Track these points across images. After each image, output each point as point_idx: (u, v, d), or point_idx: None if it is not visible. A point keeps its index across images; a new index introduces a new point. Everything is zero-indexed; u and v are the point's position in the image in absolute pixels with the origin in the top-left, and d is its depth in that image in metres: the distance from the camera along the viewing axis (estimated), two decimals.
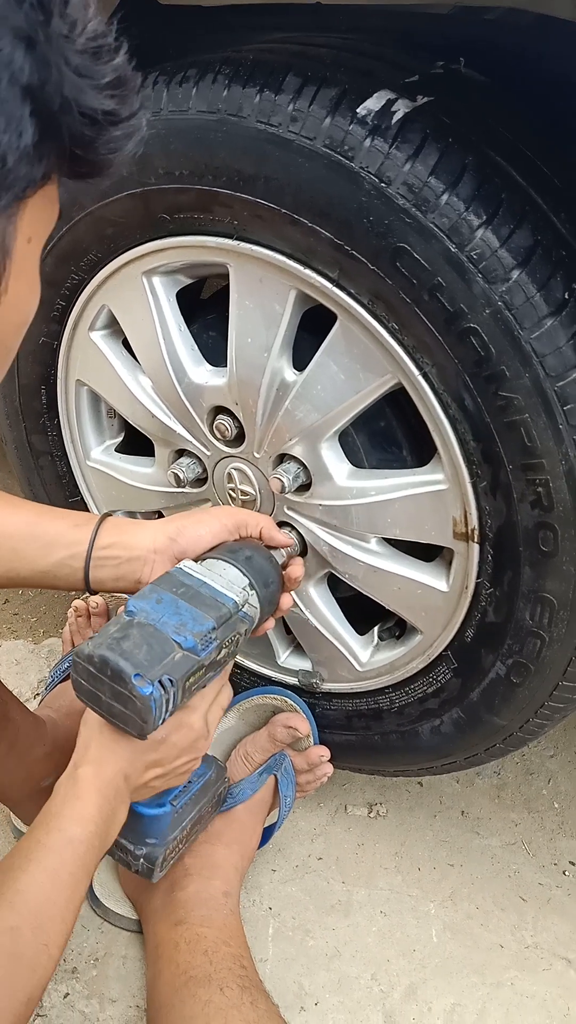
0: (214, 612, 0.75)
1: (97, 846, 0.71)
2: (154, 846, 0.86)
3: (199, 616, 0.74)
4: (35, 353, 1.07)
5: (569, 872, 1.14)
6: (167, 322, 0.94)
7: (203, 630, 0.74)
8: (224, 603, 0.77)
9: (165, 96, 0.83)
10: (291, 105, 0.76)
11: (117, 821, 0.75)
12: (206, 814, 0.93)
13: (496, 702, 0.92)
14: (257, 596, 0.82)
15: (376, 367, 0.82)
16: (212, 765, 0.93)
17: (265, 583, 0.82)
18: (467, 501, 0.83)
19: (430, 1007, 1.00)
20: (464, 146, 0.74)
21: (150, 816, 0.85)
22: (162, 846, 0.86)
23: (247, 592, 0.80)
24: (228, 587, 0.79)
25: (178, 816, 0.88)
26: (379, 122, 0.73)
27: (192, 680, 0.73)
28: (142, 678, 0.69)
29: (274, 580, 0.84)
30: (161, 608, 0.75)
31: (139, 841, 0.86)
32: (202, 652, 0.73)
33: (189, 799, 0.89)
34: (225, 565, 0.81)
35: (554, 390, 0.73)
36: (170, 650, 0.72)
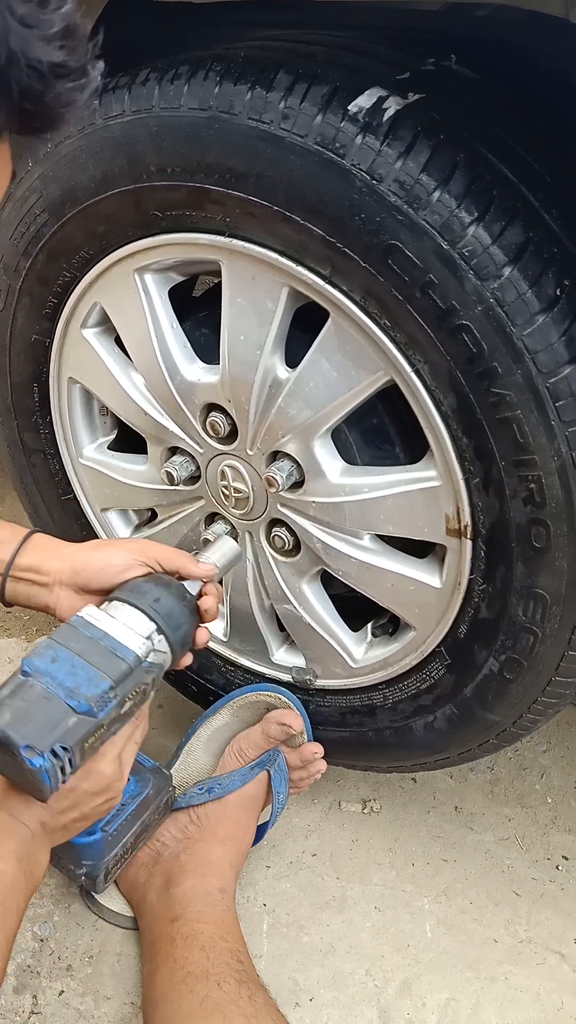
0: (112, 670, 0.74)
1: (22, 882, 0.73)
2: (93, 866, 0.90)
3: (95, 677, 0.73)
4: (27, 351, 1.07)
5: (562, 867, 1.15)
6: (159, 319, 0.94)
7: (98, 692, 0.72)
8: (124, 658, 0.75)
9: (157, 93, 0.83)
10: (282, 102, 0.76)
11: (39, 863, 0.76)
12: (153, 824, 0.96)
13: (489, 698, 0.92)
14: (166, 640, 0.80)
15: (368, 364, 0.83)
16: (148, 782, 0.94)
17: (175, 626, 0.81)
18: (460, 498, 0.83)
19: (424, 1002, 1.00)
20: (455, 143, 0.74)
21: (81, 845, 0.88)
22: (101, 864, 0.90)
23: (152, 640, 0.79)
24: (130, 639, 0.77)
25: (113, 839, 0.90)
26: (370, 119, 0.73)
27: (92, 740, 0.73)
28: (31, 750, 0.68)
29: (185, 620, 0.83)
30: (56, 668, 0.73)
31: (77, 864, 0.90)
32: (100, 713, 0.72)
33: (124, 821, 0.91)
34: (130, 610, 0.79)
35: (546, 386, 0.74)
36: (63, 717, 0.71)
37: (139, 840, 0.94)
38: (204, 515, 1.06)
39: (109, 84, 0.87)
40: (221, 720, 1.11)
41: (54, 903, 1.06)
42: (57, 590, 0.83)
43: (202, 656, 1.18)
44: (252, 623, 1.09)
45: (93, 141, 0.88)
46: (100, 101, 0.87)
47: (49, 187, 0.93)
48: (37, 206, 0.95)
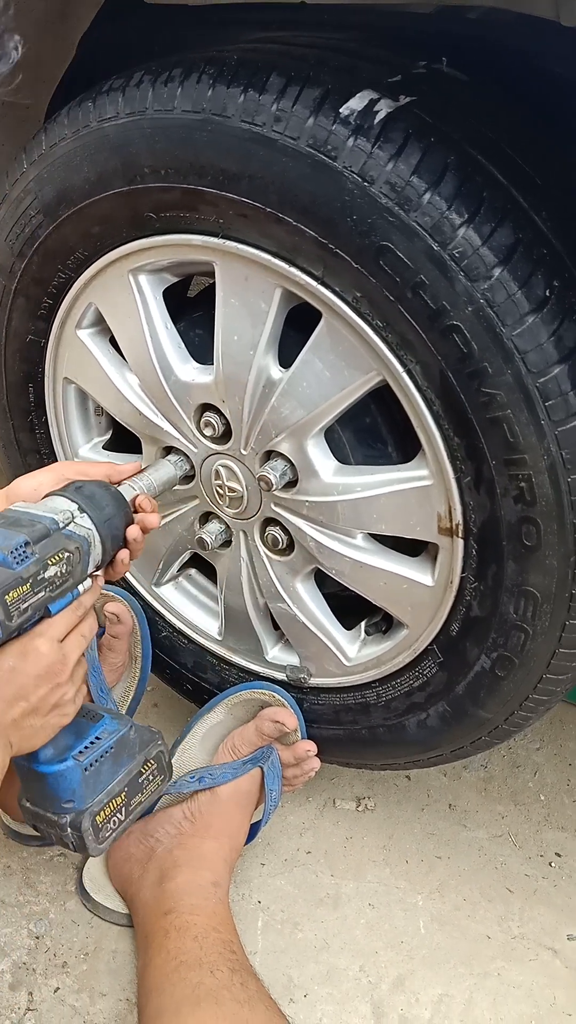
0: (28, 530, 0.77)
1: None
2: (74, 810, 0.84)
3: (10, 535, 0.76)
4: (22, 351, 1.07)
5: (555, 863, 1.16)
6: (154, 320, 0.95)
7: (13, 544, 0.75)
8: (39, 520, 0.79)
9: (151, 95, 0.84)
10: (275, 105, 0.77)
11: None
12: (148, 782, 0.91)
13: (481, 695, 0.93)
14: (89, 518, 0.83)
15: (361, 364, 0.83)
16: (128, 724, 0.91)
17: (97, 506, 0.84)
18: (451, 496, 0.84)
19: (418, 998, 1.01)
20: (446, 145, 0.74)
21: (53, 773, 0.84)
22: (85, 810, 0.84)
23: (72, 513, 0.82)
24: (49, 510, 0.81)
25: (92, 774, 0.85)
26: (362, 122, 0.74)
27: (14, 595, 0.74)
28: None
29: (108, 504, 0.85)
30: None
31: (56, 807, 0.84)
32: (16, 565, 0.74)
33: (103, 755, 0.86)
34: (53, 497, 0.84)
35: (536, 386, 0.74)
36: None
37: (131, 799, 0.89)
38: (198, 514, 1.06)
39: (103, 86, 0.88)
40: (216, 718, 1.12)
41: (49, 901, 1.07)
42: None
43: (197, 655, 1.18)
44: (246, 622, 1.10)
45: (87, 143, 0.88)
46: (95, 103, 0.88)
47: (44, 188, 0.93)
48: (32, 207, 0.95)
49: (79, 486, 0.85)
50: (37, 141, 0.93)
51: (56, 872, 1.09)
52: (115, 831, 0.87)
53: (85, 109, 0.88)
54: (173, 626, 1.19)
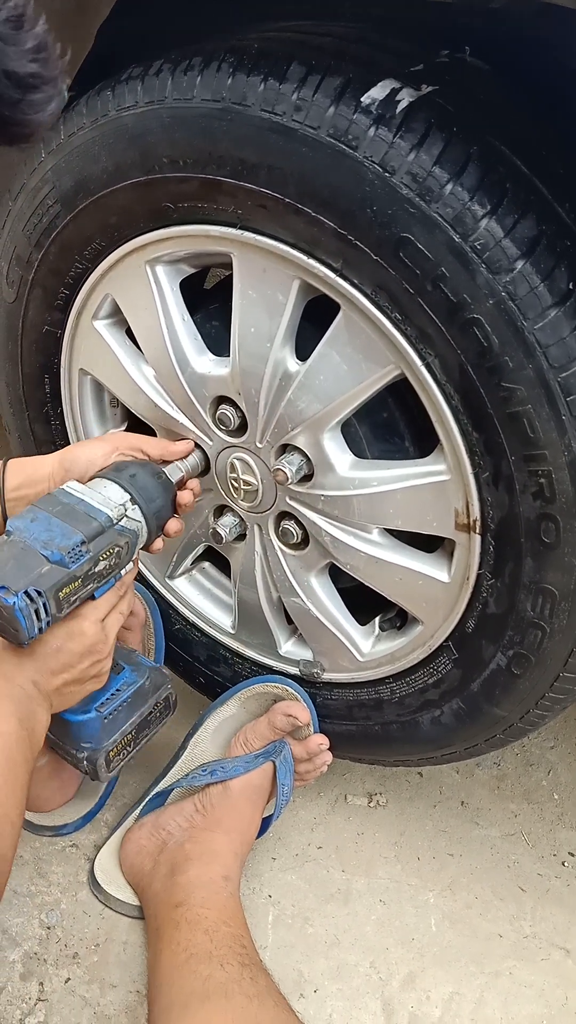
0: (85, 526, 0.81)
1: (25, 738, 0.78)
2: (92, 749, 0.94)
3: (68, 531, 0.80)
4: (39, 342, 1.07)
5: (568, 863, 1.15)
6: (170, 311, 0.94)
7: (70, 544, 0.80)
8: (95, 517, 0.82)
9: (170, 84, 0.83)
10: (295, 94, 0.76)
11: (39, 721, 0.82)
12: (153, 719, 0.99)
13: (496, 693, 0.92)
14: (140, 511, 0.87)
15: (379, 357, 0.82)
16: (145, 673, 0.98)
17: (149, 498, 0.88)
18: (469, 492, 0.83)
19: (428, 995, 1.00)
20: (468, 135, 0.73)
21: (77, 722, 0.92)
22: (101, 749, 0.94)
23: (126, 507, 0.86)
24: (104, 503, 0.84)
25: (110, 722, 0.94)
26: (383, 111, 0.73)
27: (66, 591, 0.79)
28: (7, 590, 0.75)
29: (159, 496, 0.89)
30: (34, 526, 0.81)
31: (77, 747, 0.94)
32: (71, 564, 0.79)
33: (120, 705, 0.95)
34: (106, 483, 0.87)
35: (557, 381, 0.73)
36: (38, 564, 0.78)
37: (140, 734, 0.98)
38: (213, 507, 1.06)
39: (122, 75, 0.87)
40: (229, 711, 1.11)
41: (61, 891, 1.07)
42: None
43: (210, 648, 1.18)
44: (260, 616, 1.09)
45: (106, 132, 0.88)
46: (114, 92, 0.87)
47: (62, 178, 0.93)
48: (49, 197, 0.95)
49: (133, 473, 0.88)
50: (55, 130, 0.93)
51: (68, 863, 1.10)
52: (124, 760, 0.98)
53: (104, 98, 0.88)
54: (186, 619, 1.18)
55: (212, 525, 1.05)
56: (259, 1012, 0.82)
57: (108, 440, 0.93)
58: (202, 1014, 0.81)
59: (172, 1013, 0.83)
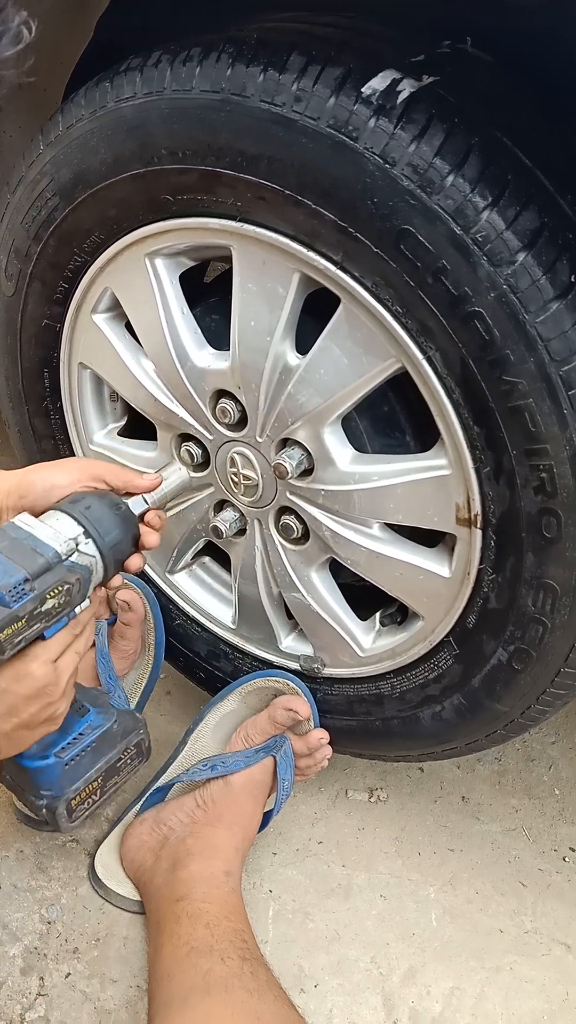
0: (28, 563, 0.76)
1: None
2: (52, 796, 0.88)
3: (10, 568, 0.75)
4: (38, 336, 1.06)
5: (569, 858, 1.15)
6: (170, 305, 0.94)
7: (11, 582, 0.74)
8: (42, 553, 0.77)
9: (169, 75, 0.82)
10: (295, 84, 0.75)
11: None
12: (124, 766, 0.93)
13: (497, 688, 0.92)
14: (94, 545, 0.81)
15: (379, 351, 0.82)
16: (112, 717, 0.92)
17: (104, 531, 0.82)
18: (470, 487, 0.82)
19: (429, 990, 1.00)
20: (470, 127, 0.73)
21: (34, 769, 0.87)
22: (61, 797, 0.88)
23: (77, 541, 0.80)
24: (53, 537, 0.79)
25: (71, 768, 0.88)
26: (384, 102, 0.73)
27: (8, 632, 0.74)
28: None
29: (117, 528, 0.83)
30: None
31: (35, 794, 0.88)
32: (13, 603, 0.74)
33: (83, 751, 0.89)
34: (59, 515, 0.81)
35: (559, 375, 0.73)
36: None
37: (107, 781, 0.92)
38: (213, 502, 1.06)
39: (121, 66, 0.87)
40: (229, 706, 1.11)
41: (62, 886, 1.07)
42: (5, 516, 0.84)
43: (210, 643, 1.18)
44: (260, 611, 1.09)
45: (104, 123, 0.87)
46: (112, 83, 0.87)
47: (60, 170, 0.92)
48: (48, 189, 0.94)
49: (88, 505, 0.82)
50: (54, 122, 0.92)
51: (68, 858, 1.10)
52: (88, 811, 0.91)
53: (103, 89, 0.87)
54: (186, 614, 1.18)
55: (212, 520, 1.04)
56: (259, 1006, 0.82)
57: (70, 467, 0.86)
58: (202, 1008, 0.81)
59: (172, 1007, 0.83)
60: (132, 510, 0.86)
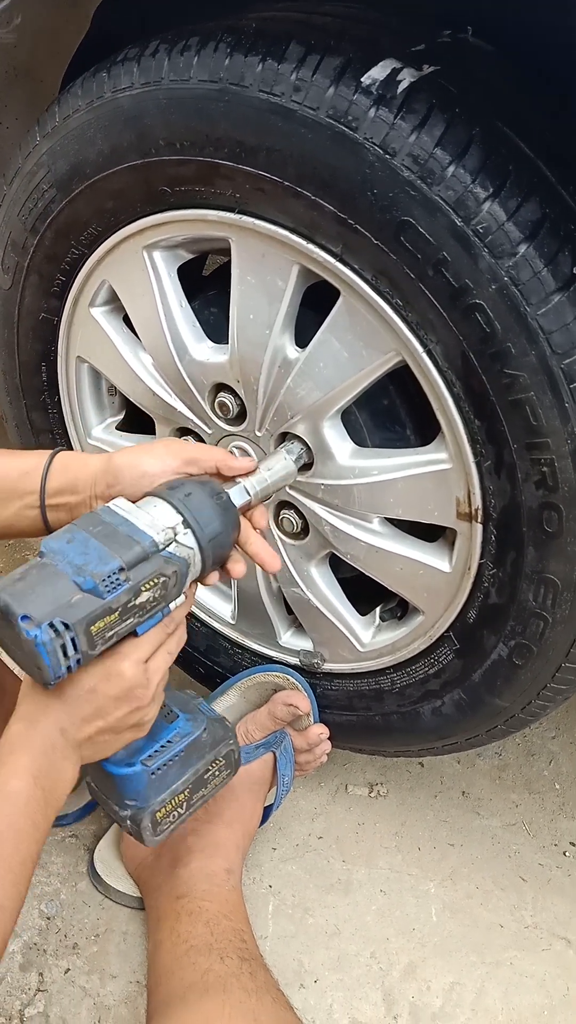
0: (124, 551, 0.70)
1: (40, 799, 0.69)
2: (137, 808, 0.82)
3: (105, 556, 0.70)
4: (35, 329, 1.06)
5: (569, 853, 1.14)
6: (168, 298, 0.93)
7: (106, 570, 0.69)
8: (139, 541, 0.72)
9: (166, 65, 0.81)
10: (294, 74, 0.74)
11: (63, 778, 0.72)
12: (213, 778, 0.87)
13: (498, 684, 0.92)
14: (193, 535, 0.76)
15: (379, 344, 0.81)
16: (202, 725, 0.86)
17: (205, 522, 0.76)
18: (471, 481, 0.82)
19: (429, 985, 1.00)
20: (471, 117, 0.72)
21: (120, 776, 0.81)
22: (146, 808, 0.82)
23: (175, 530, 0.74)
24: (151, 525, 0.73)
25: (158, 778, 0.82)
26: (384, 92, 0.72)
27: (100, 625, 0.69)
28: (30, 620, 0.65)
29: (217, 518, 0.77)
30: (70, 548, 0.70)
31: (120, 803, 0.83)
32: (107, 594, 0.68)
33: (171, 760, 0.83)
34: (157, 502, 0.76)
35: (560, 368, 0.72)
36: (67, 592, 0.68)
37: (194, 794, 0.85)
38: None
39: (118, 56, 0.86)
40: (229, 701, 1.11)
41: (61, 881, 1.07)
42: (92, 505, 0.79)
43: (210, 638, 1.17)
44: (260, 606, 1.09)
45: (101, 114, 0.86)
46: (109, 73, 0.86)
47: (57, 162, 0.91)
48: (45, 181, 0.93)
49: (189, 492, 0.76)
50: (51, 113, 0.91)
51: (68, 853, 1.09)
52: (173, 824, 0.85)
53: (99, 80, 0.86)
54: None
55: None
56: (257, 1007, 0.82)
57: (159, 451, 0.80)
58: (200, 1008, 0.81)
59: (170, 1006, 0.83)
60: (233, 501, 0.80)
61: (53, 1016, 0.96)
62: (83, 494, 0.79)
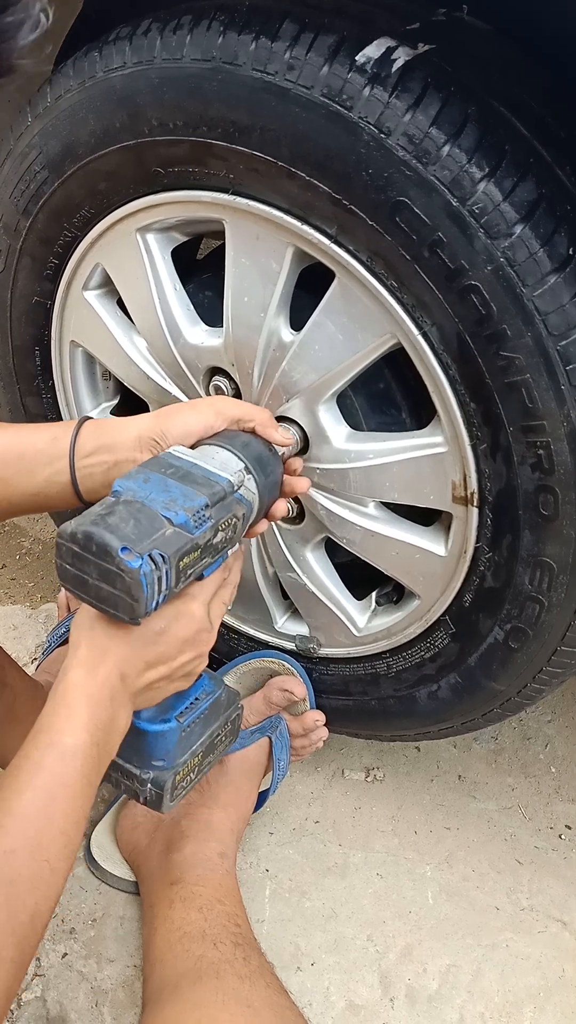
0: (206, 490, 0.71)
1: (95, 755, 0.66)
2: (162, 769, 0.79)
3: (190, 493, 0.70)
4: (28, 313, 1.05)
5: (565, 835, 1.15)
6: (162, 281, 0.92)
7: (195, 506, 0.69)
8: (217, 481, 0.72)
9: (159, 44, 0.80)
10: (288, 53, 0.74)
11: (117, 728, 0.69)
12: (219, 743, 0.86)
13: (494, 667, 0.92)
14: (255, 481, 0.77)
15: (375, 326, 0.81)
16: (222, 686, 0.85)
17: (264, 470, 0.78)
18: (466, 464, 0.81)
19: (425, 968, 1.00)
20: (466, 96, 0.71)
21: (155, 732, 0.78)
22: (170, 769, 0.79)
23: (243, 475, 0.76)
24: (222, 468, 0.74)
25: (186, 736, 0.80)
26: (379, 70, 0.71)
27: (187, 560, 0.68)
28: (130, 551, 0.64)
29: (273, 469, 0.80)
30: (149, 487, 0.70)
31: (145, 764, 0.79)
32: (195, 530, 0.68)
33: (198, 717, 0.81)
34: (218, 449, 0.77)
35: (556, 349, 0.72)
36: (160, 525, 0.67)
37: (207, 759, 0.84)
38: None
39: (110, 35, 0.85)
40: None
41: None
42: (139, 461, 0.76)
43: None
44: (255, 591, 1.09)
45: (93, 94, 0.85)
46: (101, 53, 0.85)
47: (49, 142, 0.90)
48: (37, 163, 0.92)
49: (246, 442, 0.78)
50: (42, 93, 0.90)
51: None
52: (186, 789, 0.83)
53: (91, 59, 0.85)
54: None
55: None
56: (250, 993, 0.82)
57: (203, 408, 0.79)
58: (193, 995, 0.81)
59: (164, 993, 0.83)
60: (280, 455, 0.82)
61: (50, 1000, 0.96)
62: (122, 453, 0.76)
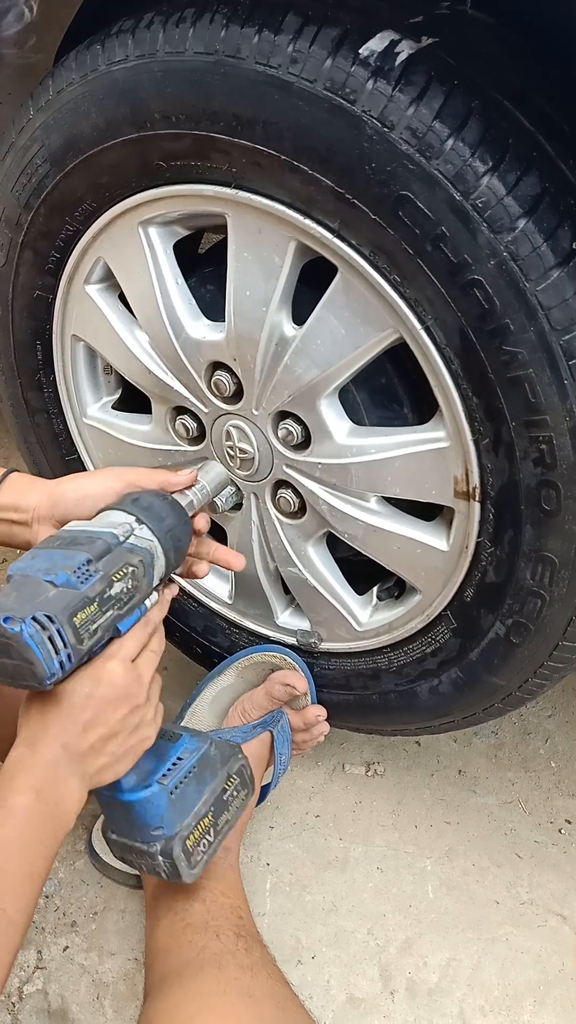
0: (88, 547, 0.74)
1: (44, 812, 0.69)
2: (166, 836, 0.80)
3: (71, 554, 0.73)
4: (30, 307, 1.05)
5: (565, 830, 1.15)
6: (164, 275, 0.92)
7: (75, 563, 0.72)
8: (99, 537, 0.75)
9: (161, 37, 0.80)
10: (291, 46, 0.73)
11: (68, 792, 0.72)
12: (231, 799, 0.87)
13: (495, 662, 0.92)
14: (149, 530, 0.79)
15: (377, 321, 0.81)
16: (207, 741, 0.87)
17: (158, 518, 0.80)
18: (469, 459, 0.81)
19: (426, 961, 1.01)
20: (470, 89, 0.71)
21: (139, 800, 0.81)
22: (175, 836, 0.80)
23: (131, 526, 0.79)
24: (108, 525, 0.78)
25: (177, 798, 0.82)
26: (382, 64, 0.71)
27: (82, 616, 0.70)
28: (12, 619, 0.67)
29: (169, 515, 0.81)
30: (35, 562, 0.74)
31: (146, 836, 0.81)
32: (81, 585, 0.71)
33: (186, 777, 0.83)
34: (108, 512, 0.81)
35: (560, 344, 0.72)
36: (42, 590, 0.70)
37: (218, 818, 0.85)
38: None
39: (113, 28, 0.85)
40: (226, 681, 1.11)
41: (59, 860, 1.07)
42: (36, 527, 0.83)
43: (207, 618, 1.17)
44: (257, 586, 1.09)
45: (96, 87, 0.85)
46: (103, 46, 0.84)
47: (51, 136, 0.90)
48: (38, 156, 0.92)
49: (135, 498, 0.81)
50: (44, 87, 0.90)
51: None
52: (206, 854, 0.84)
53: (94, 52, 0.85)
54: (183, 589, 1.17)
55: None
56: (252, 983, 0.82)
57: (102, 475, 0.85)
58: (195, 985, 0.82)
59: (167, 983, 0.84)
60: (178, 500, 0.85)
61: (52, 993, 0.96)
62: (27, 514, 0.83)
